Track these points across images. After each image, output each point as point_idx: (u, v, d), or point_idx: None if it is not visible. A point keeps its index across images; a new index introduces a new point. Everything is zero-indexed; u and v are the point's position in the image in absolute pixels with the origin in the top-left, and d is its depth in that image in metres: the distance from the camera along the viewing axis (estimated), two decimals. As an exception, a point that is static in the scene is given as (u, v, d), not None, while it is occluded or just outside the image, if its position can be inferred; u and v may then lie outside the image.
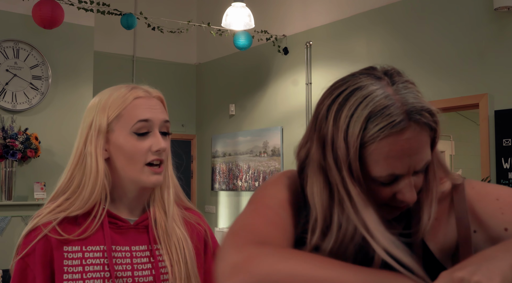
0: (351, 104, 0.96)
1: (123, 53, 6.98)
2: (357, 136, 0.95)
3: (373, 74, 0.99)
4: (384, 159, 0.95)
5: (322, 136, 0.99)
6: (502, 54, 4.32)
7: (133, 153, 1.38)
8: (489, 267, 0.81)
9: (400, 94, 0.96)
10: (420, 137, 0.95)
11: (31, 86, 5.51)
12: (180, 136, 7.36)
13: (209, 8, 7.27)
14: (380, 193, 1.00)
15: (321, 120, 1.00)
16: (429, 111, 0.96)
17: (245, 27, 5.52)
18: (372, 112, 0.94)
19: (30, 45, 5.50)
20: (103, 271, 1.35)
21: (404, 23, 5.06)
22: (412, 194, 0.98)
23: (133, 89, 1.44)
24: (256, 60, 6.63)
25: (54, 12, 4.63)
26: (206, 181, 7.34)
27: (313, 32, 5.95)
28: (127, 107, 1.39)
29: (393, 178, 0.98)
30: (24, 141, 5.20)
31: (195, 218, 1.53)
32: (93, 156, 1.38)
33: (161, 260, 1.41)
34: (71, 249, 1.34)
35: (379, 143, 0.94)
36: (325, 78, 5.77)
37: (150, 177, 1.39)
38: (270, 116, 6.41)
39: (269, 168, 6.35)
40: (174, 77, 7.38)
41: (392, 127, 0.93)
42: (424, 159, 0.98)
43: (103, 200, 1.39)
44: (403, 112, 0.94)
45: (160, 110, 1.44)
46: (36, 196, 5.34)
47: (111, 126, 1.39)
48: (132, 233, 1.42)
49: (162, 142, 1.39)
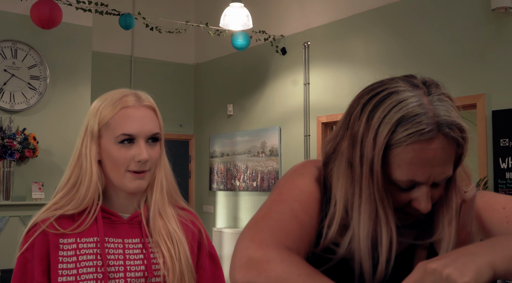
0: (386, 106, 0.99)
1: (121, 53, 6.98)
2: (385, 137, 0.97)
3: (411, 82, 1.02)
4: (407, 165, 0.97)
5: (354, 133, 1.02)
6: (500, 54, 4.33)
7: (116, 160, 1.42)
8: (465, 262, 0.80)
9: (434, 105, 0.98)
10: (446, 150, 0.97)
11: (29, 86, 5.51)
12: (178, 136, 7.37)
13: (207, 8, 7.27)
14: (396, 198, 1.02)
15: (355, 118, 1.03)
16: (459, 127, 0.98)
17: (243, 27, 5.53)
18: (403, 117, 0.97)
19: (28, 45, 5.50)
20: (95, 260, 1.40)
21: (402, 24, 5.06)
22: (427, 204, 1.00)
23: (124, 97, 1.44)
24: (254, 60, 6.64)
25: (52, 12, 4.64)
26: (204, 181, 7.34)
27: (311, 32, 5.96)
28: (114, 116, 1.42)
29: (412, 185, 1.00)
30: (22, 141, 5.20)
31: (190, 217, 1.56)
32: (87, 159, 1.43)
33: (153, 252, 1.45)
34: (67, 241, 1.41)
35: (404, 148, 0.96)
36: (323, 79, 5.78)
37: (131, 182, 1.43)
38: (268, 116, 6.42)
39: (267, 168, 6.35)
40: (172, 77, 7.38)
41: (420, 134, 0.95)
42: (446, 172, 0.99)
43: (96, 199, 1.44)
44: (433, 123, 0.96)
45: (149, 120, 1.45)
46: (34, 196, 5.34)
47: (101, 132, 1.44)
48: (125, 227, 1.47)
49: (145, 153, 1.41)
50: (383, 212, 1.00)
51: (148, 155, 1.42)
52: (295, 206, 1.06)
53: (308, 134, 5.90)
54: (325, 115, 5.70)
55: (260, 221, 1.04)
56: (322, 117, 5.74)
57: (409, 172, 0.98)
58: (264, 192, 6.38)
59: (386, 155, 0.99)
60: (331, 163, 1.09)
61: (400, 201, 1.02)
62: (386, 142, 0.97)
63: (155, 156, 1.45)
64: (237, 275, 0.95)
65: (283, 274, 0.92)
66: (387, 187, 1.00)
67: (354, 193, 1.02)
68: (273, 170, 6.25)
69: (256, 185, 6.47)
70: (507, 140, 4.23)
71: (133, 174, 1.42)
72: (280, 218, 1.03)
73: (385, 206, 1.00)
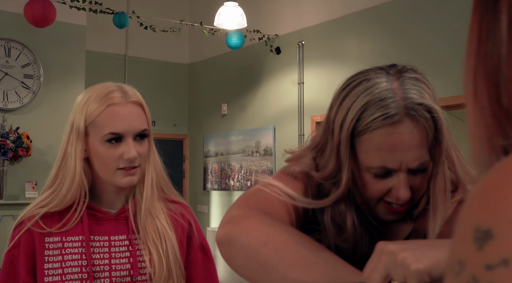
0: (355, 93, 0.99)
1: (115, 52, 6.96)
2: (350, 122, 0.97)
3: (385, 69, 1.02)
4: (376, 151, 0.96)
5: (328, 121, 1.04)
6: (493, 54, 4.34)
7: (105, 159, 1.41)
8: (424, 252, 0.78)
9: (403, 88, 0.97)
10: (415, 133, 0.94)
11: (23, 85, 5.49)
12: (172, 135, 7.35)
13: (202, 8, 7.26)
14: (374, 186, 1.00)
15: (330, 107, 1.05)
16: (426, 108, 0.95)
17: (237, 26, 5.53)
18: (370, 102, 0.96)
19: (21, 43, 5.48)
20: (81, 260, 1.39)
21: (396, 23, 5.07)
22: (405, 191, 0.97)
23: (110, 93, 1.42)
24: (248, 59, 6.63)
25: (46, 11, 4.62)
26: (198, 180, 7.33)
27: (305, 32, 5.96)
28: (101, 114, 1.40)
29: (385, 171, 0.98)
30: (16, 140, 5.18)
31: (180, 210, 1.54)
32: (72, 158, 1.42)
33: (139, 249, 1.44)
34: (52, 240, 1.40)
35: (371, 134, 0.95)
36: (317, 78, 5.78)
37: (122, 179, 1.42)
38: (262, 116, 6.42)
39: (261, 167, 6.35)
40: (166, 76, 7.37)
41: (385, 118, 0.94)
42: (420, 158, 0.96)
43: (82, 196, 1.43)
44: (400, 106, 0.94)
45: (136, 117, 1.43)
46: (27, 195, 5.32)
47: (88, 130, 1.42)
48: (111, 224, 1.46)
49: (133, 151, 1.40)
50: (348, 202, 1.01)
51: (137, 152, 1.41)
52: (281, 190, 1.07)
53: (303, 133, 5.90)
54: (320, 114, 5.70)
55: (250, 193, 1.08)
56: (316, 117, 5.74)
57: (379, 158, 0.96)
58: (258, 191, 6.37)
59: (355, 142, 0.98)
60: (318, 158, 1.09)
61: (380, 190, 1.00)
62: (352, 128, 0.96)
63: (144, 152, 1.45)
64: (218, 232, 0.99)
65: (255, 224, 0.94)
66: (364, 175, 1.00)
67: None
68: (268, 169, 6.25)
69: (251, 185, 6.46)
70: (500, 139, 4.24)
71: (123, 171, 1.41)
72: (270, 194, 1.06)
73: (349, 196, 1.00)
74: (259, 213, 0.98)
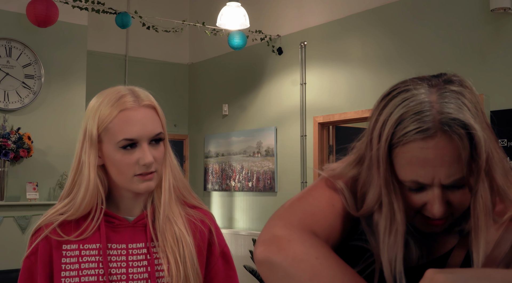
0: (393, 103, 0.96)
1: (115, 52, 6.93)
2: (387, 135, 0.95)
3: (427, 80, 0.98)
4: (408, 165, 0.94)
5: (368, 132, 1.01)
6: (499, 55, 4.33)
7: (121, 166, 1.37)
8: None
9: (441, 102, 0.93)
10: (448, 149, 0.91)
11: (24, 85, 5.46)
12: (173, 136, 7.33)
13: (202, 8, 7.24)
14: (411, 200, 0.98)
15: (370, 117, 1.02)
16: (461, 123, 0.91)
17: (240, 27, 5.51)
18: (405, 114, 0.93)
19: (22, 43, 5.45)
20: (97, 269, 1.37)
21: (399, 24, 5.06)
22: (439, 207, 0.95)
23: (122, 98, 1.38)
24: (250, 60, 6.61)
25: (48, 11, 4.59)
26: (198, 181, 7.31)
27: (307, 32, 5.94)
28: (113, 120, 1.36)
29: (419, 186, 0.96)
30: (17, 141, 5.15)
31: (200, 216, 1.51)
32: (86, 166, 1.39)
33: (157, 257, 1.41)
34: (69, 248, 1.38)
35: (404, 147, 0.93)
36: (320, 78, 5.76)
37: (139, 185, 1.39)
38: (264, 116, 6.40)
39: (262, 168, 6.33)
40: (166, 76, 7.34)
41: (417, 132, 0.91)
42: (452, 175, 0.93)
43: (99, 203, 1.40)
44: (434, 120, 0.91)
45: (150, 121, 1.39)
46: (28, 196, 5.28)
47: (101, 137, 1.38)
48: (129, 231, 1.43)
49: (149, 156, 1.36)
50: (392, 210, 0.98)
51: (153, 156, 1.37)
52: (335, 196, 1.05)
53: (305, 134, 5.88)
54: (322, 115, 5.69)
55: (295, 203, 1.05)
56: (318, 117, 5.73)
57: (411, 172, 0.94)
58: (259, 192, 6.35)
59: (391, 154, 0.96)
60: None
61: (415, 203, 0.98)
62: (388, 141, 0.94)
63: (160, 157, 1.41)
64: (258, 249, 0.97)
65: (301, 255, 0.93)
66: (400, 189, 0.97)
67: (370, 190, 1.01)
68: (269, 170, 6.23)
69: (252, 186, 6.44)
70: (505, 140, 4.23)
71: (140, 177, 1.38)
72: (316, 204, 1.04)
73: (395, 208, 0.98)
74: (305, 237, 0.96)
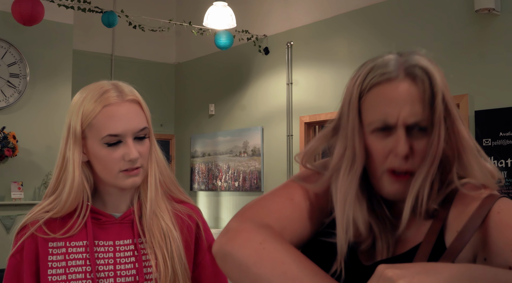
0: (363, 67, 1.08)
1: (101, 51, 6.90)
2: (358, 86, 1.05)
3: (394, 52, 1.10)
4: (376, 105, 1.02)
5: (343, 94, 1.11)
6: (483, 55, 4.38)
7: (106, 162, 1.36)
8: (422, 280, 0.79)
9: (405, 57, 1.05)
10: (411, 89, 1.01)
11: (9, 84, 5.42)
12: (159, 136, 7.31)
13: (189, 7, 7.23)
14: (377, 149, 1.03)
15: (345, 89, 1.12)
16: (422, 67, 1.02)
17: (227, 26, 5.51)
18: (374, 66, 1.05)
19: (7, 42, 5.41)
20: (85, 266, 1.36)
21: (385, 24, 5.09)
22: (403, 146, 1.00)
23: (105, 93, 1.37)
24: (236, 60, 6.62)
25: (34, 9, 4.56)
26: (185, 181, 7.29)
27: (294, 32, 5.96)
28: (97, 116, 1.35)
29: (385, 125, 1.02)
30: (2, 140, 5.11)
31: (187, 211, 1.50)
32: (71, 163, 1.37)
33: (145, 253, 1.40)
34: (56, 245, 1.37)
35: (371, 91, 1.03)
36: (306, 78, 5.78)
37: (125, 181, 1.37)
38: (251, 116, 6.41)
39: (249, 168, 6.34)
40: (153, 76, 7.32)
41: (382, 74, 1.02)
42: (415, 113, 1.00)
43: (85, 200, 1.39)
44: (399, 65, 1.03)
45: (134, 116, 1.38)
46: (13, 196, 5.25)
47: (85, 133, 1.37)
48: (116, 228, 1.42)
49: (134, 152, 1.35)
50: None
51: (138, 152, 1.36)
52: (295, 191, 1.12)
53: (291, 134, 5.90)
54: (308, 115, 5.71)
55: (256, 200, 1.12)
56: (305, 117, 5.75)
57: (378, 111, 1.02)
58: (246, 192, 6.36)
59: (361, 107, 1.05)
60: None
61: (382, 151, 1.02)
62: (359, 88, 1.04)
63: (146, 152, 1.39)
64: (214, 243, 1.04)
65: (245, 242, 0.99)
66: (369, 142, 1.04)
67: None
68: (255, 170, 6.24)
69: (238, 185, 6.45)
70: (489, 140, 4.27)
71: (126, 173, 1.37)
72: (274, 200, 1.11)
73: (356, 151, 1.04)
74: (252, 227, 1.02)
